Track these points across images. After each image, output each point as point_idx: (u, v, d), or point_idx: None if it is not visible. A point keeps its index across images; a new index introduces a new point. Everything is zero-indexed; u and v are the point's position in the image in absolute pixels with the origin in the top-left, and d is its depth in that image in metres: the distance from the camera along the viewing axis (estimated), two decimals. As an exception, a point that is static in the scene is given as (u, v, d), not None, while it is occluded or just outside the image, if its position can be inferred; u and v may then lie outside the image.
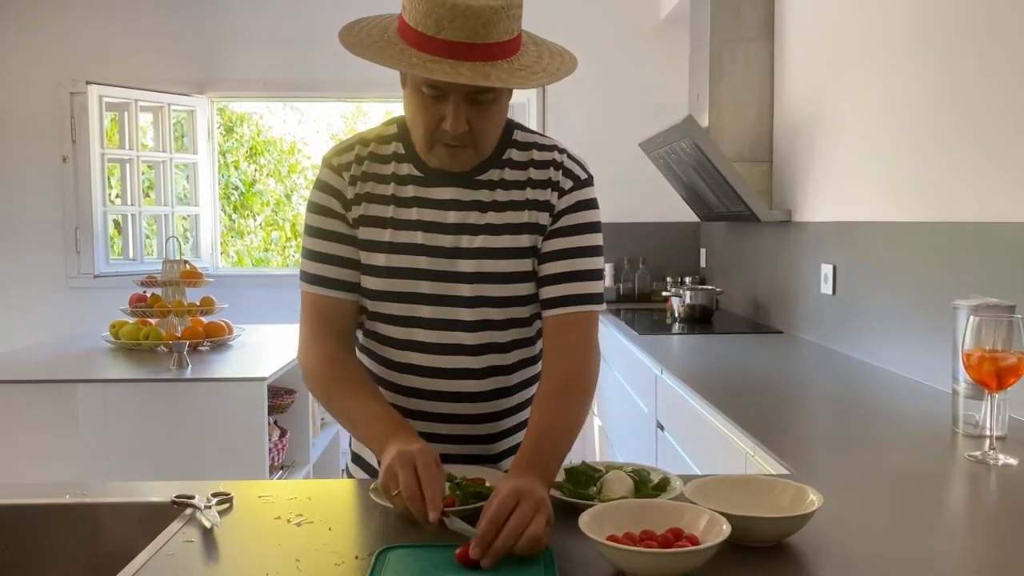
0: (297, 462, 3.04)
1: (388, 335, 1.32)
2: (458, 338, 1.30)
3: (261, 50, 4.54)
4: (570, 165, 1.32)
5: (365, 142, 1.33)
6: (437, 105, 1.18)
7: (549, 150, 1.32)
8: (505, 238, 1.28)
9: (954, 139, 2.01)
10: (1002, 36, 1.82)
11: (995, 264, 1.83)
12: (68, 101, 4.46)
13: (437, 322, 1.29)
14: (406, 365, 1.32)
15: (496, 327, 1.31)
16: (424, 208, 1.29)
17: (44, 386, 2.46)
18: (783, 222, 3.15)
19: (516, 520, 0.95)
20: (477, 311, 1.29)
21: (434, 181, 1.29)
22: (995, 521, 1.20)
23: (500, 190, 1.29)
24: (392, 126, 1.34)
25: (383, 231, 1.29)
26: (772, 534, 1.00)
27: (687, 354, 2.83)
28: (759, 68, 3.35)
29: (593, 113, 4.36)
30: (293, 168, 8.24)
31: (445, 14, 1.10)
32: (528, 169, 1.30)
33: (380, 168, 1.31)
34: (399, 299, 1.29)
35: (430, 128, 1.20)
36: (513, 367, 1.36)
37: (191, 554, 1.01)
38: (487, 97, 1.18)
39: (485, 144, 1.24)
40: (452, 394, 1.32)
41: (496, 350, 1.32)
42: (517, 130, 1.33)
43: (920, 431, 1.68)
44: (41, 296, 4.52)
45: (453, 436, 1.35)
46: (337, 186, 1.30)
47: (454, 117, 1.17)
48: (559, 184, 1.30)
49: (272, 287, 4.63)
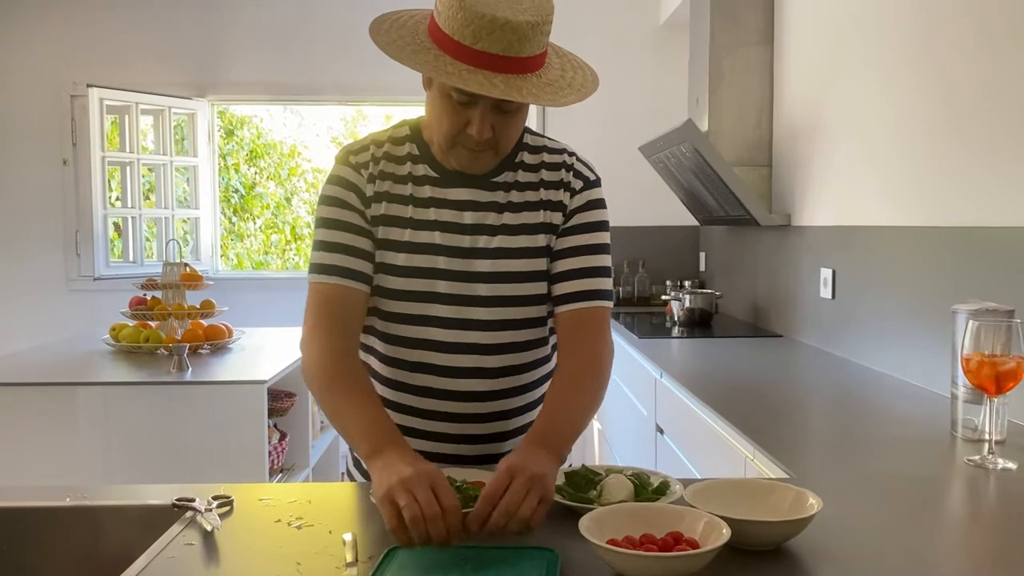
0: (297, 465, 3.04)
1: (403, 335, 1.32)
2: (473, 337, 1.30)
3: (261, 53, 4.54)
4: (580, 167, 1.36)
5: (379, 142, 1.34)
6: (464, 110, 1.20)
7: (559, 153, 1.36)
8: (522, 238, 1.31)
9: (953, 144, 2.01)
10: (1000, 42, 1.83)
11: (994, 268, 1.83)
12: (69, 104, 4.47)
13: (453, 321, 1.30)
14: (420, 364, 1.32)
15: (512, 326, 1.32)
16: (441, 208, 1.30)
17: (44, 389, 2.46)
18: (782, 226, 3.15)
19: (507, 499, 0.98)
20: (494, 310, 1.30)
21: (450, 182, 1.31)
22: (994, 525, 1.20)
23: (515, 191, 1.32)
24: (404, 128, 1.36)
25: (402, 231, 1.30)
26: (771, 538, 1.01)
27: (687, 358, 2.84)
28: (759, 72, 3.35)
29: (593, 117, 4.36)
30: (293, 171, 8.25)
31: (484, 26, 1.12)
32: (540, 171, 1.34)
33: (396, 168, 1.32)
34: (416, 298, 1.30)
35: (454, 132, 1.22)
36: (527, 366, 1.36)
37: (191, 557, 1.02)
38: (512, 106, 1.21)
39: (505, 148, 1.27)
40: (464, 393, 1.32)
41: (511, 349, 1.33)
42: (527, 134, 1.36)
43: (919, 435, 1.68)
44: (41, 299, 4.52)
45: (462, 436, 1.35)
46: (355, 182, 1.31)
47: (480, 124, 1.20)
48: (570, 184, 1.34)
49: (272, 290, 4.63)
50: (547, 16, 1.17)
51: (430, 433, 1.34)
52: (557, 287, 1.33)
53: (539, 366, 1.38)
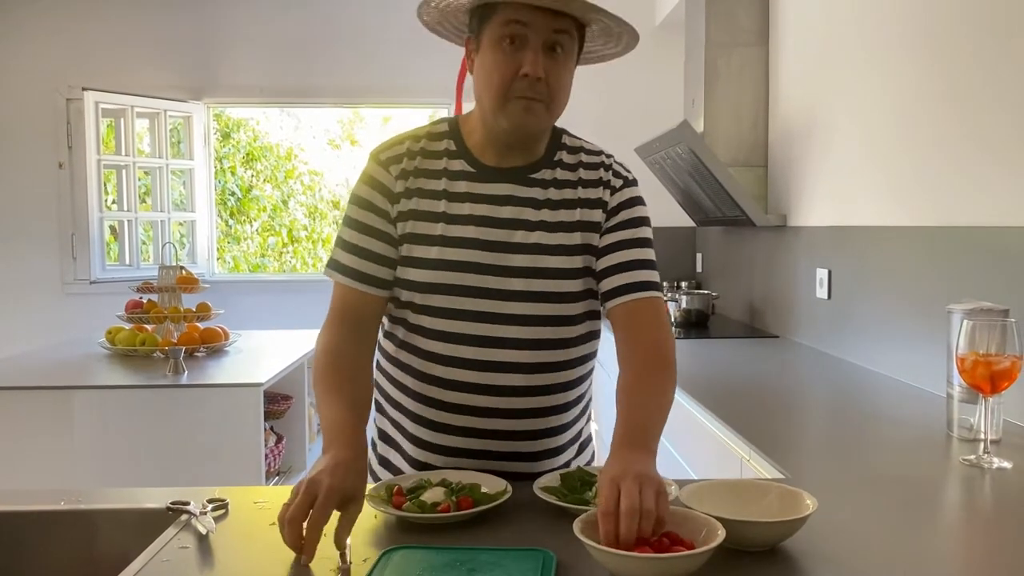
0: (293, 468, 3.04)
1: (436, 328, 1.31)
2: (507, 332, 1.30)
3: (258, 56, 4.54)
4: (618, 167, 1.40)
5: (416, 138, 1.35)
6: (516, 55, 1.23)
7: (597, 154, 1.39)
8: (559, 235, 1.32)
9: (948, 143, 2.02)
10: (997, 42, 1.83)
11: (989, 268, 1.84)
12: (64, 107, 4.46)
13: (487, 315, 1.29)
14: (451, 358, 1.31)
15: (547, 322, 1.31)
16: (477, 203, 1.31)
17: (40, 392, 2.46)
18: (778, 227, 3.15)
19: (625, 503, 0.94)
20: (529, 305, 1.30)
21: (488, 177, 1.32)
22: (990, 525, 1.20)
23: (553, 189, 1.34)
24: (443, 124, 1.38)
25: (434, 225, 1.30)
26: (767, 539, 1.01)
27: (683, 359, 2.81)
28: (754, 73, 3.36)
29: (589, 118, 4.34)
30: (290, 174, 8.25)
31: None
32: (578, 170, 1.36)
33: (432, 164, 1.33)
34: (449, 291, 1.29)
35: (507, 80, 1.24)
36: (562, 364, 1.34)
37: (186, 560, 1.01)
38: (561, 51, 1.24)
39: (557, 102, 1.28)
40: (498, 387, 1.31)
41: (545, 346, 1.32)
42: (565, 135, 1.40)
43: (915, 435, 1.68)
44: (37, 302, 4.52)
45: (495, 431, 1.33)
46: (383, 180, 1.32)
47: (533, 61, 1.22)
48: (610, 183, 1.36)
49: (268, 293, 4.62)
50: None
51: (460, 429, 1.32)
52: (606, 282, 1.33)
53: (576, 365, 1.37)
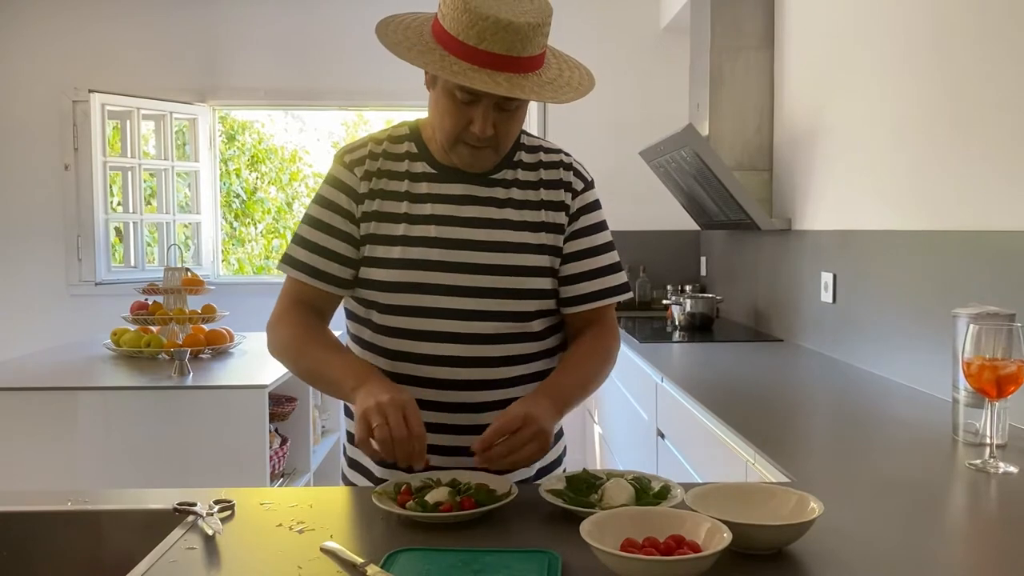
0: (298, 470, 3.04)
1: (401, 327, 1.33)
2: (473, 327, 1.32)
3: (263, 59, 4.55)
4: (577, 167, 1.42)
5: (378, 140, 1.38)
6: (466, 109, 1.25)
7: (555, 152, 1.42)
8: (526, 234, 1.35)
9: (953, 147, 2.01)
10: (1001, 47, 1.83)
11: (995, 272, 1.83)
12: (70, 109, 4.47)
13: (453, 312, 1.31)
14: (419, 355, 1.33)
15: (514, 319, 1.34)
16: (438, 203, 1.34)
17: (46, 393, 2.46)
18: (783, 230, 3.15)
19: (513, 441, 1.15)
20: (494, 302, 1.33)
21: (448, 178, 1.35)
22: (995, 529, 1.20)
23: (516, 189, 1.37)
24: (403, 128, 1.41)
25: (396, 226, 1.33)
26: (773, 542, 1.01)
27: (687, 362, 2.83)
28: (759, 77, 3.36)
29: (594, 122, 4.37)
30: (294, 176, 8.27)
31: (488, 27, 1.17)
32: (539, 170, 1.39)
33: (394, 165, 1.36)
34: (412, 289, 1.32)
35: (457, 129, 1.27)
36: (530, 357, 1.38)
37: (193, 561, 1.02)
38: (512, 105, 1.26)
39: (506, 146, 1.32)
40: (465, 382, 1.33)
41: (512, 339, 1.34)
42: (523, 134, 1.41)
43: (920, 439, 1.68)
44: (43, 303, 4.53)
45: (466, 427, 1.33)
46: (348, 182, 1.35)
47: (482, 121, 1.24)
48: (571, 185, 1.39)
49: (273, 295, 4.54)
50: (547, 18, 1.22)
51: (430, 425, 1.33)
52: (567, 289, 1.39)
53: (543, 357, 1.40)
